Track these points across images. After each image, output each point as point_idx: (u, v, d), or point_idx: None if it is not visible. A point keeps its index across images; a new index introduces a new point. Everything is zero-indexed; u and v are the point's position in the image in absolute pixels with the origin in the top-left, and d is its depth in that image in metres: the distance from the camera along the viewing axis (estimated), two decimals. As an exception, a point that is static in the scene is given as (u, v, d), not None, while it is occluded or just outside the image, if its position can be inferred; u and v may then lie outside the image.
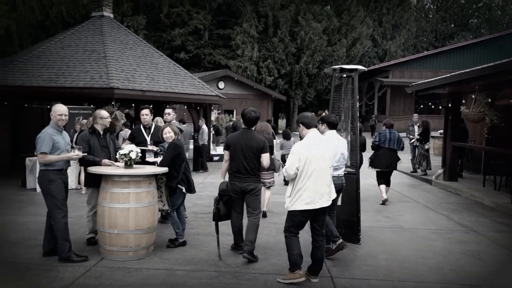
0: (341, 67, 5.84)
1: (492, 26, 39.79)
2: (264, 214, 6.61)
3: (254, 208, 4.85)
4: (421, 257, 5.04)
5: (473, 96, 9.15)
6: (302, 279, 4.10)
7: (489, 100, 8.94)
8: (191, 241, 5.33)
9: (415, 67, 28.46)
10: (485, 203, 8.35)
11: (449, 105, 10.74)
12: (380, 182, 8.18)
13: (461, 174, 11.16)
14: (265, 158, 4.80)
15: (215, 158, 14.73)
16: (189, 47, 30.32)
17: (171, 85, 11.94)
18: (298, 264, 4.11)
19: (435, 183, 10.55)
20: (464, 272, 4.61)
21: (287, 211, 4.18)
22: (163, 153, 5.36)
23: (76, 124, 8.85)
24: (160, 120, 6.82)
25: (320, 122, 5.30)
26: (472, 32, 39.35)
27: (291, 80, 30.43)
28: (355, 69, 5.73)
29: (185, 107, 14.19)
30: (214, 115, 18.74)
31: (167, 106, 7.70)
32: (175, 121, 7.01)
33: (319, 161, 4.03)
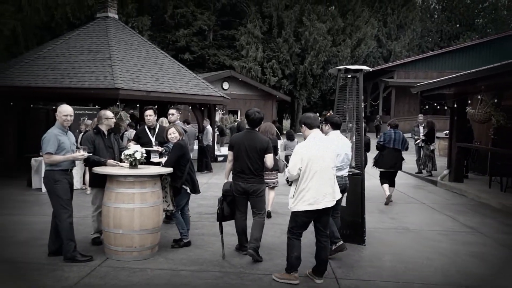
0: (346, 68, 5.82)
1: (498, 26, 39.50)
2: (268, 215, 6.61)
3: (259, 208, 4.88)
4: (427, 258, 5.01)
5: (479, 97, 9.10)
6: (296, 282, 4.11)
7: (495, 100, 8.89)
8: (195, 242, 5.34)
9: (420, 67, 28.29)
10: (491, 204, 8.29)
11: (455, 105, 10.68)
12: (383, 182, 8.18)
13: (467, 175, 11.10)
14: (268, 159, 4.80)
15: (220, 158, 14.74)
16: (194, 47, 30.36)
17: (176, 85, 11.97)
18: (294, 267, 4.14)
19: (441, 184, 10.49)
20: (470, 274, 4.58)
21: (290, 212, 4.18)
22: (167, 153, 5.37)
23: (81, 124, 8.89)
24: (165, 120, 6.83)
25: (324, 122, 5.29)
26: (478, 32, 39.10)
27: (295, 81, 30.40)
28: (360, 70, 5.72)
29: (190, 107, 14.21)
30: (218, 115, 18.77)
31: (171, 107, 7.71)
32: (179, 122, 7.01)
33: (319, 161, 4.03)
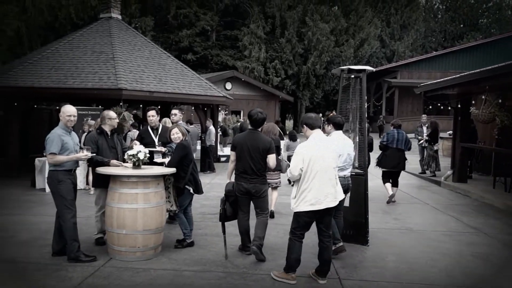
0: (349, 68, 5.81)
1: (502, 26, 39.34)
2: (272, 215, 6.61)
3: (262, 209, 4.90)
4: (431, 259, 4.99)
5: (483, 97, 9.06)
6: (293, 282, 4.13)
7: (500, 100, 8.85)
8: (198, 242, 5.33)
9: (423, 67, 28.21)
10: (495, 205, 8.25)
11: (459, 106, 10.64)
12: (385, 181, 8.21)
13: (471, 175, 11.05)
14: (271, 159, 4.80)
15: (222, 159, 14.74)
16: (197, 48, 30.40)
17: (179, 86, 11.98)
18: (292, 268, 4.17)
19: (444, 184, 10.45)
20: (473, 275, 4.56)
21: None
22: (171, 153, 5.37)
23: (84, 124, 8.91)
24: (168, 121, 6.83)
25: (326, 122, 5.28)
26: (482, 32, 38.96)
27: (298, 81, 30.37)
28: (363, 70, 5.70)
29: (193, 108, 14.23)
30: (221, 116, 18.77)
31: (174, 107, 7.72)
32: (181, 122, 7.02)
33: (320, 161, 4.04)
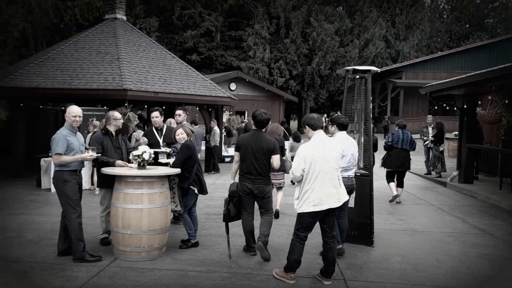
0: (354, 68, 5.79)
1: (508, 26, 38.98)
2: (276, 215, 6.60)
3: (267, 209, 4.93)
4: (436, 260, 4.96)
5: (489, 97, 9.00)
6: (292, 282, 4.16)
7: (506, 101, 8.79)
8: (203, 242, 5.34)
9: (429, 68, 28.06)
10: (501, 206, 8.19)
11: (464, 106, 10.58)
12: (390, 181, 8.25)
13: (477, 176, 10.99)
14: (275, 160, 4.81)
15: (227, 159, 14.76)
16: (201, 49, 30.43)
17: (183, 86, 12.01)
18: (292, 268, 4.20)
19: (450, 185, 10.39)
20: (480, 276, 4.52)
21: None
22: (175, 154, 5.38)
23: (89, 125, 8.95)
24: (173, 121, 6.85)
25: (330, 123, 5.27)
26: (488, 32, 38.70)
27: (303, 82, 30.32)
28: (368, 70, 5.68)
29: (197, 108, 14.24)
30: (225, 116, 18.79)
31: (178, 107, 7.73)
32: (186, 122, 7.03)
33: (322, 162, 4.04)
